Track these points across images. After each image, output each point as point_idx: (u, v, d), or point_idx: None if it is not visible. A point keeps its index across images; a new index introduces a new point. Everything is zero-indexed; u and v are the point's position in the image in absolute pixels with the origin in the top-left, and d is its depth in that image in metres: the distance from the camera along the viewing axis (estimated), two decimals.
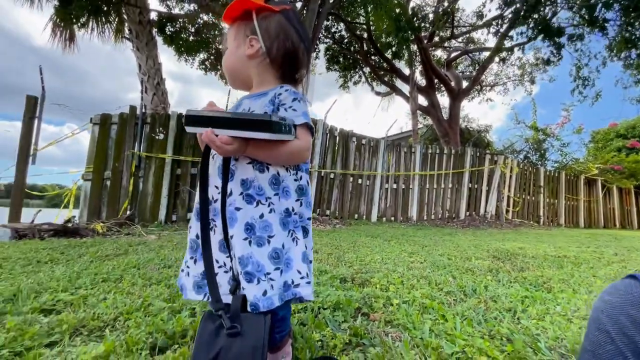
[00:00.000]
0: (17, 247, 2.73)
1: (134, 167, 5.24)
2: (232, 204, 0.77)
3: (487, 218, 8.60)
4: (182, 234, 4.31)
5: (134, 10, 6.39)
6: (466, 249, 3.05)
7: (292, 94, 0.83)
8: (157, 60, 6.76)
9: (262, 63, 0.88)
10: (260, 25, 0.86)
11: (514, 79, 13.38)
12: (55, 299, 1.23)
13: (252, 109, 0.84)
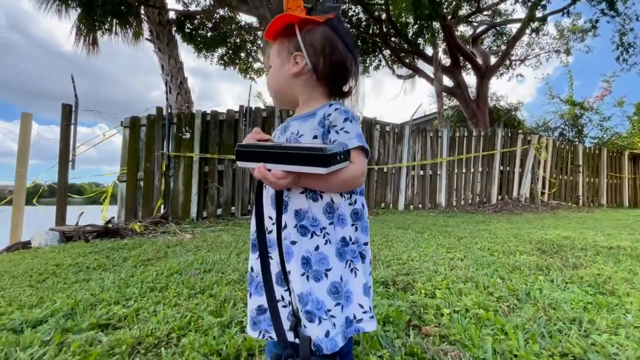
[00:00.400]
0: (66, 251, 2.90)
1: (164, 167, 5.39)
2: (288, 238, 0.74)
3: (520, 201, 8.23)
4: (214, 231, 4.42)
5: (153, 11, 6.47)
6: (506, 240, 2.91)
7: (343, 113, 0.78)
8: (179, 60, 6.84)
9: (309, 80, 0.83)
10: (304, 40, 0.80)
11: (547, 51, 12.46)
12: (110, 313, 1.28)
13: (301, 132, 0.80)
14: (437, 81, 9.49)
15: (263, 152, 0.66)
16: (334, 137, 0.75)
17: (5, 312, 1.35)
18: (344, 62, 0.82)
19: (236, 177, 5.76)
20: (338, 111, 0.78)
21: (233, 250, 2.66)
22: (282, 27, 0.83)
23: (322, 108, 0.81)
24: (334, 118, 0.77)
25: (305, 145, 0.64)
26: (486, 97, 10.70)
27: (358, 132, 0.76)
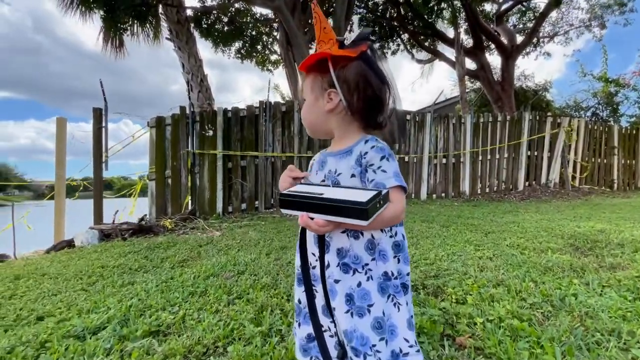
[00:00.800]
0: (108, 251, 3.11)
1: (189, 164, 5.57)
2: (331, 276, 0.78)
3: (549, 187, 7.92)
4: (241, 227, 4.57)
5: (171, 10, 6.56)
6: (536, 235, 2.85)
7: (379, 151, 0.79)
8: (198, 57, 6.95)
9: (344, 116, 0.84)
10: (338, 76, 0.80)
11: (578, 26, 11.63)
12: (159, 320, 1.39)
13: (339, 171, 0.82)
14: (459, 64, 9.12)
15: (306, 202, 0.69)
16: (371, 176, 0.77)
17: (67, 318, 1.50)
18: (378, 95, 0.82)
19: (259, 172, 5.87)
20: (374, 149, 0.79)
21: (262, 249, 2.76)
22: (316, 61, 0.83)
23: (358, 144, 0.82)
24: (371, 157, 0.78)
25: (347, 199, 0.64)
26: (512, 78, 10.20)
27: (395, 170, 0.77)
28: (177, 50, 6.94)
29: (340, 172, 0.82)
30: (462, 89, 9.13)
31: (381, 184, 0.74)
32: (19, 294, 1.93)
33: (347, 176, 0.80)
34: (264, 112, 5.89)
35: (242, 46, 9.99)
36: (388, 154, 0.79)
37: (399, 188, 0.76)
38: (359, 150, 0.81)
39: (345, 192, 0.70)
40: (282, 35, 7.66)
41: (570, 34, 12.19)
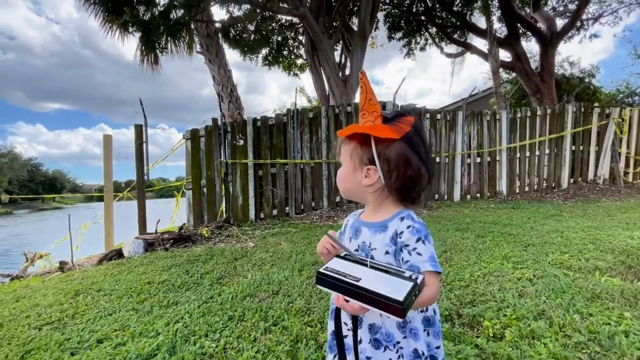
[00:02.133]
0: (153, 264, 3.34)
1: (223, 174, 5.80)
2: (363, 352, 0.80)
3: (598, 184, 7.34)
4: (273, 235, 4.70)
5: (201, 24, 6.84)
6: (582, 248, 2.67)
7: (415, 232, 0.78)
8: (227, 68, 7.20)
9: (381, 192, 0.84)
10: (379, 154, 0.80)
11: (629, 3, 10.57)
12: (203, 348, 1.49)
13: (374, 245, 0.83)
14: (493, 57, 8.65)
15: (343, 287, 0.70)
16: (406, 257, 0.77)
17: (122, 342, 1.65)
18: (417, 176, 0.81)
19: (288, 179, 5.99)
20: (410, 230, 0.79)
21: (294, 264, 2.83)
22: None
23: (394, 220, 0.83)
24: (407, 238, 0.78)
25: (383, 293, 0.65)
26: (552, 68, 9.50)
27: (431, 253, 0.77)
28: (208, 63, 7.23)
29: (375, 247, 0.83)
30: (496, 83, 8.65)
31: (416, 267, 0.75)
32: (80, 312, 2.15)
33: (382, 252, 0.81)
34: (291, 119, 5.99)
35: (268, 53, 10.19)
36: (424, 236, 0.79)
37: (434, 272, 0.76)
38: (394, 227, 0.81)
39: (382, 279, 0.70)
40: (307, 40, 7.73)
41: (620, 12, 11.13)
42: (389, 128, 0.79)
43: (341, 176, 0.91)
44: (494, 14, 10.47)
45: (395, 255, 0.80)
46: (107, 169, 5.69)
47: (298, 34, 10.21)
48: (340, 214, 6.02)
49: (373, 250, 0.83)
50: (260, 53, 10.12)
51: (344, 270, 0.74)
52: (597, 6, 11.03)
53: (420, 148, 0.81)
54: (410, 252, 0.77)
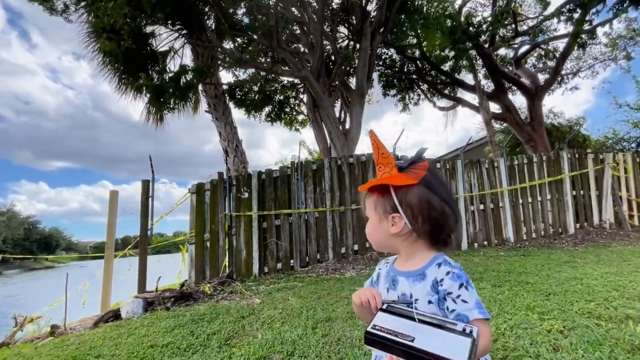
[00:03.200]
0: (154, 325, 3.15)
1: (227, 227, 5.75)
2: None
3: (605, 229, 7.26)
4: (279, 290, 4.50)
5: (210, 87, 7.37)
6: (606, 295, 2.56)
7: (456, 278, 0.77)
8: (233, 125, 7.59)
9: (410, 237, 0.85)
10: (400, 201, 0.83)
11: (602, 60, 11.55)
12: None
13: (415, 296, 0.81)
14: (484, 109, 9.17)
15: (397, 348, 0.66)
16: (452, 306, 0.75)
17: None
18: (442, 216, 0.83)
19: (293, 231, 5.92)
20: (450, 277, 0.78)
21: (306, 322, 2.68)
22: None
23: (431, 267, 0.82)
24: (449, 285, 0.77)
25: (442, 355, 0.61)
26: (541, 118, 10.02)
27: (477, 300, 0.76)
28: (215, 121, 7.63)
29: (417, 297, 0.81)
30: (490, 133, 9.04)
31: (464, 316, 0.73)
32: None
33: (424, 302, 0.79)
34: (295, 171, 6.12)
35: (271, 110, 10.83)
36: (466, 282, 0.78)
37: (483, 320, 0.73)
38: (433, 275, 0.80)
39: (437, 337, 0.67)
40: (309, 99, 8.28)
41: (596, 67, 12.08)
42: (405, 175, 0.83)
43: (370, 229, 0.91)
44: (479, 72, 11.34)
45: (439, 304, 0.77)
46: (111, 225, 5.65)
47: (299, 93, 10.95)
48: (346, 265, 5.85)
49: (415, 302, 0.80)
50: (263, 111, 10.74)
51: (394, 329, 0.70)
52: (574, 62, 12.01)
53: (439, 189, 0.84)
54: (455, 300, 0.75)
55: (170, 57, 8.43)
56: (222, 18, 7.40)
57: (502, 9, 9.02)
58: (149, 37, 7.98)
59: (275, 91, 10.35)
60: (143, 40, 7.55)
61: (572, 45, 9.03)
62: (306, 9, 7.87)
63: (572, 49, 9.40)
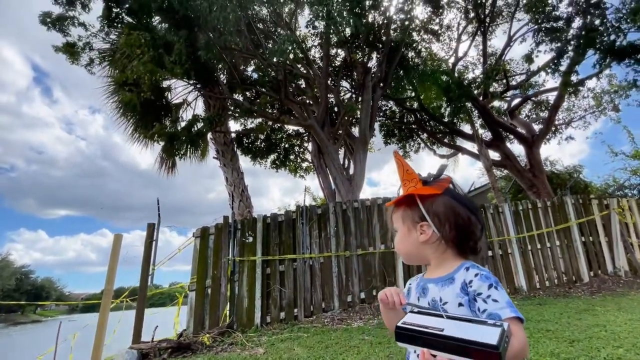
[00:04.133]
0: None
1: (229, 272, 5.59)
2: None
3: (620, 277, 6.99)
4: (283, 341, 4.24)
5: (219, 134, 7.74)
6: (635, 342, 2.41)
7: (485, 279, 0.79)
8: (240, 171, 7.80)
9: (439, 245, 0.88)
10: (427, 211, 0.87)
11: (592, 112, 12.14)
12: None
13: (445, 299, 0.82)
14: (484, 157, 9.42)
15: (427, 339, 0.66)
16: (482, 306, 0.76)
17: None
18: (468, 224, 0.87)
19: (297, 277, 5.74)
20: (479, 278, 0.79)
21: None
22: (404, 197, 0.92)
23: (459, 271, 0.84)
24: (478, 286, 0.78)
25: (475, 339, 0.61)
26: (540, 164, 10.25)
27: (507, 299, 0.76)
28: (222, 167, 7.86)
29: (447, 300, 0.81)
30: (492, 179, 9.18)
31: (495, 315, 0.73)
32: None
33: (454, 305, 0.80)
34: (300, 216, 6.12)
35: (276, 157, 11.18)
36: (495, 282, 0.79)
37: (516, 319, 0.73)
38: (462, 278, 0.82)
39: (467, 328, 0.66)
40: (314, 146, 8.64)
41: (587, 118, 12.64)
42: (430, 187, 0.89)
43: (399, 241, 0.94)
44: (476, 122, 11.87)
45: (470, 305, 0.78)
46: (112, 269, 5.48)
47: (303, 142, 11.40)
48: (352, 315, 5.56)
49: (445, 305, 0.81)
50: (269, 158, 11.09)
51: (423, 323, 0.70)
52: (566, 113, 12.62)
53: (463, 199, 0.89)
54: (486, 300, 0.76)
55: (183, 108, 8.97)
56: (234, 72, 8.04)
57: (492, 66, 9.76)
58: (165, 91, 8.59)
59: (281, 139, 10.79)
60: (160, 93, 8.11)
61: (561, 97, 9.59)
62: (312, 66, 8.56)
63: (562, 100, 9.96)
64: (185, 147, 7.16)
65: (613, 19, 7.16)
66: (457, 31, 10.49)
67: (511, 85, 11.18)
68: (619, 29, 7.20)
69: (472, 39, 10.44)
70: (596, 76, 8.21)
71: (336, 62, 9.94)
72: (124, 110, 7.46)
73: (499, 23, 10.26)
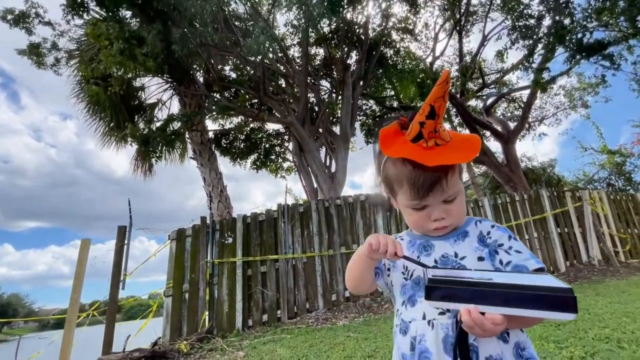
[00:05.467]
0: None
1: (208, 275, 5.34)
2: None
3: (594, 265, 7.23)
4: (267, 345, 4.05)
5: (196, 134, 7.46)
6: (618, 321, 2.41)
7: (504, 230, 0.74)
8: (218, 171, 7.54)
9: None
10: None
11: (563, 109, 12.67)
12: None
13: (461, 254, 0.72)
14: None
15: (477, 290, 0.52)
16: (506, 258, 0.68)
17: None
18: None
19: (280, 277, 5.56)
20: (497, 229, 0.75)
21: None
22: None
23: (470, 224, 0.77)
24: (498, 236, 0.72)
25: (542, 285, 0.49)
26: (516, 159, 10.56)
27: (529, 250, 0.71)
28: (200, 167, 7.56)
29: (464, 255, 0.72)
30: (470, 175, 9.34)
31: (523, 266, 0.66)
32: None
33: (474, 259, 0.71)
34: (282, 215, 5.96)
35: (257, 158, 10.94)
36: (512, 233, 0.74)
37: (541, 270, 0.66)
38: (476, 230, 0.75)
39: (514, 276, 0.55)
40: (295, 144, 8.50)
41: (558, 115, 13.19)
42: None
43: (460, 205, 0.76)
44: (454, 120, 12.11)
45: (491, 259, 0.69)
46: (78, 278, 5.10)
47: (284, 141, 11.22)
48: (337, 314, 5.43)
49: (462, 260, 0.71)
50: (249, 159, 10.84)
51: (457, 275, 0.57)
52: (539, 111, 13.11)
53: None
54: (509, 252, 0.69)
55: (158, 108, 8.61)
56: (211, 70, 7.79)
57: (467, 64, 9.97)
58: (139, 90, 8.21)
59: (261, 139, 10.57)
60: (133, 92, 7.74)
61: (534, 94, 9.93)
62: (291, 64, 8.44)
63: (534, 97, 10.31)
64: (160, 148, 6.84)
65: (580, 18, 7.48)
66: (434, 30, 10.69)
67: (486, 84, 11.49)
68: (586, 28, 7.53)
69: (448, 38, 10.66)
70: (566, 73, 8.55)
71: (316, 62, 9.87)
72: (94, 109, 7.04)
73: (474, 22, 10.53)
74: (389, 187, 0.80)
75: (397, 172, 0.75)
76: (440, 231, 0.76)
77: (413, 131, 0.72)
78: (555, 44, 7.89)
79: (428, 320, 0.68)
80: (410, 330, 0.71)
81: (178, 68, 7.01)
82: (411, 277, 0.76)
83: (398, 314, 0.77)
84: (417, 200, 0.73)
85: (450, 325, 0.66)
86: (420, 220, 0.76)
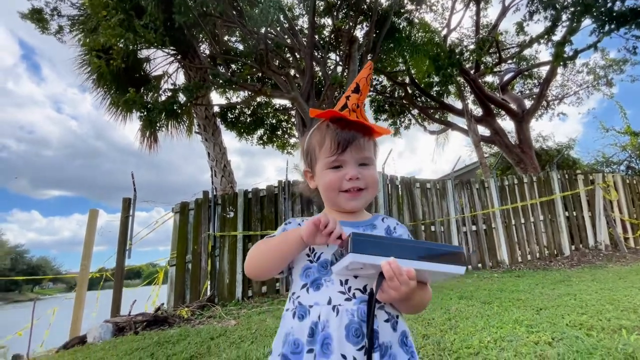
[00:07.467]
0: (115, 348, 2.88)
1: (210, 247, 5.52)
2: None
3: (601, 250, 7.08)
4: (259, 313, 4.24)
5: (200, 108, 7.45)
6: (600, 309, 2.39)
7: (404, 228, 0.82)
8: (222, 146, 7.58)
9: None
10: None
11: (586, 87, 11.92)
12: None
13: None
14: (472, 132, 9.28)
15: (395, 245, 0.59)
16: None
17: None
18: None
19: None
20: (400, 226, 0.84)
21: None
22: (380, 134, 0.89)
23: (377, 219, 0.85)
24: (402, 232, 0.81)
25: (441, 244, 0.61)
26: (529, 140, 10.16)
27: None
28: (204, 141, 7.62)
29: None
30: (480, 155, 9.09)
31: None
32: None
33: None
34: (282, 191, 6.01)
35: (263, 133, 10.90)
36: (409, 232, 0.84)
37: None
38: (385, 224, 0.83)
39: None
40: (299, 120, 8.39)
41: (580, 94, 12.45)
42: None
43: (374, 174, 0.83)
44: (468, 98, 11.61)
45: None
46: (88, 244, 5.39)
47: (291, 117, 11.09)
48: None
49: None
50: (255, 134, 10.81)
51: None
52: (560, 89, 12.39)
53: None
54: None
55: (164, 80, 8.58)
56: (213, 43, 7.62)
57: (484, 37, 9.40)
58: (144, 62, 8.16)
59: (267, 115, 10.48)
60: (137, 64, 7.70)
61: (553, 70, 9.34)
62: (297, 36, 8.15)
63: (554, 74, 9.71)
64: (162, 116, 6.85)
65: None
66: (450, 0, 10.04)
67: (504, 58, 10.86)
68: None
69: (465, 8, 9.99)
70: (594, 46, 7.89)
71: (324, 34, 9.49)
72: (99, 82, 7.08)
73: None
74: (311, 156, 0.86)
75: (321, 133, 0.83)
76: (353, 197, 0.78)
77: (340, 102, 0.83)
78: (582, 13, 7.29)
79: (333, 306, 0.68)
80: (311, 315, 0.69)
81: (180, 40, 6.89)
82: (317, 260, 0.75)
83: (294, 298, 0.75)
84: (335, 156, 0.79)
85: (356, 312, 0.66)
86: (335, 179, 0.79)
